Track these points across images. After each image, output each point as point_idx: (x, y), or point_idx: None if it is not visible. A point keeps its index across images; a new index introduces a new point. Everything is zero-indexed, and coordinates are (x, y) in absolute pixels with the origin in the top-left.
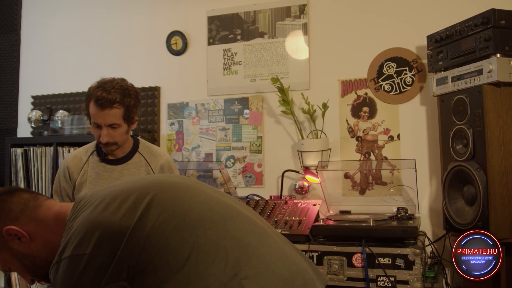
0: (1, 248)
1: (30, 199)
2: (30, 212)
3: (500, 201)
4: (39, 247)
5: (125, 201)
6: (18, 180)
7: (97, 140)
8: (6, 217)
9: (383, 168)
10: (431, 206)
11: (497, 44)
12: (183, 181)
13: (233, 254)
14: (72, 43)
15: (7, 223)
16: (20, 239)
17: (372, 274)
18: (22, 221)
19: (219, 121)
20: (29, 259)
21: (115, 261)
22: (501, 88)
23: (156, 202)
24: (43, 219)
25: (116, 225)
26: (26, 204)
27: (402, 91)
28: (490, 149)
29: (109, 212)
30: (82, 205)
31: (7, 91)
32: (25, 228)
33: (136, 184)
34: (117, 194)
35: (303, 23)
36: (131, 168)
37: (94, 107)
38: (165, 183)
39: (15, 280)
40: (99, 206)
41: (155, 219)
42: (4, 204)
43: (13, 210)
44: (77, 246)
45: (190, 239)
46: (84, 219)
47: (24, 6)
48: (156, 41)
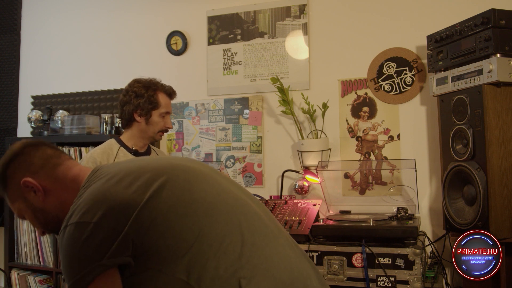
0: (18, 197)
1: (53, 156)
2: (49, 168)
3: (500, 201)
4: (52, 204)
5: (138, 178)
6: None
7: (160, 129)
8: (26, 169)
9: (383, 168)
10: (431, 206)
11: (497, 44)
12: (199, 168)
13: (236, 251)
14: (72, 43)
15: (25, 175)
16: (35, 193)
17: (372, 274)
18: (41, 176)
19: (219, 121)
20: (42, 213)
21: (122, 236)
22: (501, 88)
23: (168, 185)
24: (60, 178)
25: (126, 200)
26: (48, 160)
27: (402, 91)
28: (490, 149)
29: (121, 186)
30: (97, 175)
31: (7, 91)
32: (41, 183)
33: (151, 163)
34: (132, 170)
35: (303, 23)
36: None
37: (166, 97)
38: (181, 167)
39: (15, 280)
40: (112, 179)
41: (165, 201)
42: (27, 157)
43: (34, 164)
44: (84, 213)
45: (195, 228)
46: (95, 189)
47: (24, 6)
48: (156, 41)
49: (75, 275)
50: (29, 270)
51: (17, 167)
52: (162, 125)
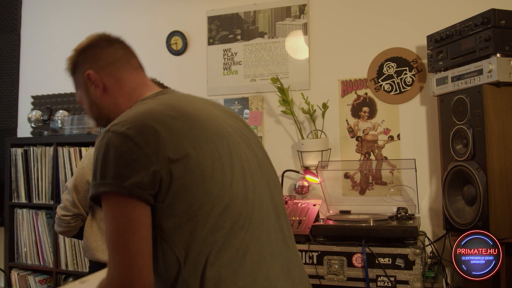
0: (80, 85)
1: (122, 57)
2: (115, 68)
3: (500, 201)
4: (107, 103)
5: (192, 128)
6: (18, 180)
7: None
8: (94, 62)
9: (383, 168)
10: (431, 206)
11: (497, 44)
12: (252, 155)
13: (243, 258)
14: (72, 43)
15: (92, 68)
16: (95, 87)
17: (372, 274)
18: (104, 73)
19: None
20: (96, 107)
21: (153, 169)
22: (501, 88)
23: (213, 161)
24: (123, 82)
25: (173, 141)
26: (116, 60)
27: (402, 91)
28: (490, 149)
29: (178, 125)
30: (163, 97)
31: (7, 91)
32: (103, 80)
33: (213, 126)
34: (200, 119)
35: (303, 23)
36: None
37: None
38: (231, 151)
39: (15, 280)
40: (173, 113)
41: (199, 169)
42: (99, 50)
43: (103, 59)
44: (129, 128)
45: (215, 218)
46: (155, 109)
47: (24, 6)
48: (156, 41)
49: (98, 179)
50: (29, 270)
51: (87, 57)
52: None
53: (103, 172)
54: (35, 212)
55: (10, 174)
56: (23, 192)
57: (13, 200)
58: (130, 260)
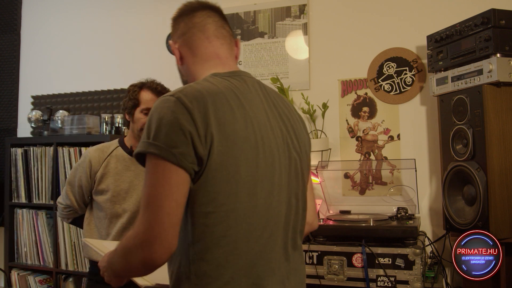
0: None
1: (196, 25)
2: (188, 37)
3: (500, 201)
4: (185, 70)
5: (246, 132)
6: (18, 180)
7: (142, 127)
8: (174, 33)
9: (383, 168)
10: (431, 206)
11: (497, 44)
12: (277, 166)
13: (237, 255)
14: (72, 43)
15: (173, 38)
16: (176, 58)
17: (372, 274)
18: (181, 42)
19: None
20: (180, 74)
21: (199, 148)
22: (501, 88)
23: (248, 164)
24: (194, 50)
25: (223, 129)
26: (190, 29)
27: (402, 91)
28: (490, 149)
29: (231, 117)
30: (234, 82)
31: (7, 91)
32: (180, 49)
33: (266, 138)
34: (250, 119)
35: (303, 23)
36: None
37: (149, 93)
38: (266, 159)
39: (15, 280)
40: (235, 105)
41: (233, 167)
42: (180, 20)
43: (180, 29)
44: (191, 101)
45: (231, 222)
46: (219, 92)
47: (24, 6)
48: (156, 41)
49: (150, 138)
50: (29, 270)
51: (172, 27)
52: (143, 122)
53: (156, 134)
54: (35, 212)
55: (10, 174)
56: (23, 192)
57: (13, 200)
58: (159, 218)
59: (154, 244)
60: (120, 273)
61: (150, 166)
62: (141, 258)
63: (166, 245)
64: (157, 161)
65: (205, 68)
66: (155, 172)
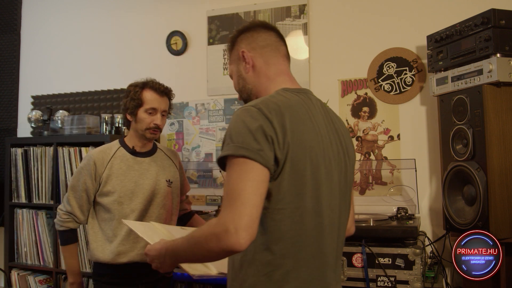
0: (234, 61)
1: (274, 44)
2: (266, 52)
3: (500, 201)
4: (252, 79)
5: (312, 143)
6: (18, 180)
7: (147, 127)
8: (249, 43)
9: (383, 168)
10: (431, 206)
11: (497, 44)
12: (336, 175)
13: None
14: (72, 43)
15: (246, 47)
16: (245, 64)
17: (372, 274)
18: (257, 53)
19: (219, 121)
20: (243, 82)
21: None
22: (501, 88)
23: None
24: (269, 65)
25: (296, 138)
26: (268, 45)
27: (402, 91)
28: (490, 149)
29: (303, 128)
30: (303, 97)
31: (7, 91)
32: (254, 59)
33: (327, 155)
34: (315, 132)
35: (303, 23)
36: (158, 160)
37: (153, 93)
38: (329, 172)
39: (15, 280)
40: (306, 117)
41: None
42: (255, 34)
43: (257, 42)
44: (269, 111)
45: (298, 218)
46: (294, 104)
47: (24, 6)
48: (156, 41)
49: (235, 142)
50: (29, 270)
51: (245, 37)
52: (148, 122)
53: (244, 138)
54: (35, 212)
55: (10, 174)
56: (23, 192)
57: (13, 200)
58: (248, 210)
59: (241, 232)
60: (189, 259)
61: (238, 166)
62: (225, 245)
63: (251, 234)
64: (245, 161)
65: (277, 82)
66: (244, 171)
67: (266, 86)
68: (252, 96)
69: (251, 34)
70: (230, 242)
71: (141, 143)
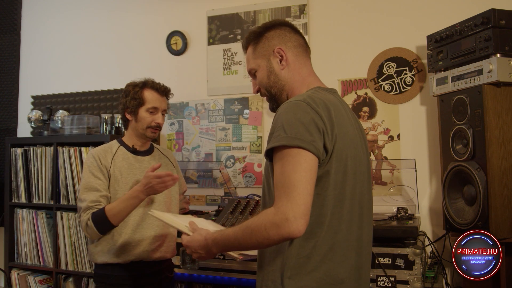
0: (263, 56)
1: (303, 45)
2: (298, 51)
3: (500, 201)
4: (286, 76)
5: (347, 135)
6: (18, 180)
7: (148, 125)
8: (283, 41)
9: (383, 168)
10: (431, 206)
11: (497, 44)
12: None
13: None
14: (72, 43)
15: (281, 45)
16: (281, 62)
17: (372, 274)
18: (292, 52)
19: (219, 121)
20: (274, 78)
21: (325, 142)
22: (501, 88)
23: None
24: (302, 64)
25: (338, 128)
26: (300, 45)
27: (402, 91)
28: (490, 149)
29: (342, 121)
30: (337, 96)
31: (7, 91)
32: (289, 57)
33: (354, 138)
34: (348, 126)
35: (303, 23)
36: (156, 159)
37: (154, 93)
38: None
39: (15, 280)
40: (344, 112)
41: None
42: (288, 33)
43: (292, 41)
44: (316, 103)
45: (335, 202)
46: (332, 100)
47: (24, 6)
48: (156, 41)
49: (288, 133)
50: (29, 270)
51: (276, 34)
52: (150, 121)
53: (297, 130)
54: (35, 212)
55: (10, 174)
56: (23, 192)
57: (13, 200)
58: (305, 198)
59: (300, 220)
60: (243, 247)
61: (291, 157)
62: (285, 233)
63: (307, 220)
64: (299, 151)
65: (309, 81)
66: (298, 161)
67: (299, 84)
68: (284, 92)
69: (283, 32)
70: (291, 229)
71: (140, 142)
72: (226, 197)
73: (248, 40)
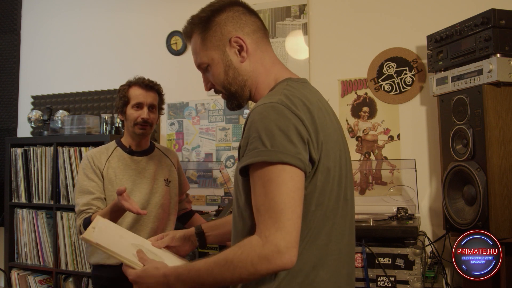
0: (216, 47)
1: (262, 28)
2: (259, 37)
3: (500, 201)
4: (248, 69)
5: (331, 133)
6: (18, 180)
7: (134, 122)
8: (239, 27)
9: (383, 168)
10: (431, 206)
11: (497, 44)
12: (348, 165)
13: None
14: (72, 43)
15: (237, 32)
16: (240, 53)
17: (372, 274)
18: (251, 39)
19: (219, 121)
20: (233, 73)
21: (311, 151)
22: (501, 88)
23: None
24: (264, 52)
25: (321, 129)
26: (260, 29)
27: (402, 91)
28: (490, 149)
29: (324, 119)
30: (310, 87)
31: (7, 91)
32: (249, 46)
33: (337, 137)
34: (331, 122)
35: (303, 23)
36: (155, 159)
37: (138, 89)
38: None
39: (15, 280)
40: (322, 106)
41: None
42: (243, 16)
43: (249, 25)
44: (293, 104)
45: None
46: (308, 96)
47: (24, 6)
48: (156, 41)
49: (268, 146)
50: (29, 270)
51: (229, 19)
52: (136, 117)
53: (279, 141)
54: (35, 212)
55: (10, 174)
56: (23, 192)
57: (13, 200)
58: (295, 224)
59: (293, 249)
60: (219, 283)
61: (275, 174)
62: (277, 266)
63: (297, 247)
64: (284, 168)
65: (275, 72)
66: (283, 180)
67: (264, 77)
68: (246, 88)
69: (237, 15)
70: (283, 262)
71: (135, 141)
72: (226, 197)
73: (193, 27)
